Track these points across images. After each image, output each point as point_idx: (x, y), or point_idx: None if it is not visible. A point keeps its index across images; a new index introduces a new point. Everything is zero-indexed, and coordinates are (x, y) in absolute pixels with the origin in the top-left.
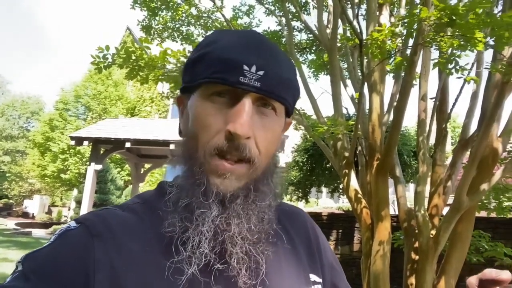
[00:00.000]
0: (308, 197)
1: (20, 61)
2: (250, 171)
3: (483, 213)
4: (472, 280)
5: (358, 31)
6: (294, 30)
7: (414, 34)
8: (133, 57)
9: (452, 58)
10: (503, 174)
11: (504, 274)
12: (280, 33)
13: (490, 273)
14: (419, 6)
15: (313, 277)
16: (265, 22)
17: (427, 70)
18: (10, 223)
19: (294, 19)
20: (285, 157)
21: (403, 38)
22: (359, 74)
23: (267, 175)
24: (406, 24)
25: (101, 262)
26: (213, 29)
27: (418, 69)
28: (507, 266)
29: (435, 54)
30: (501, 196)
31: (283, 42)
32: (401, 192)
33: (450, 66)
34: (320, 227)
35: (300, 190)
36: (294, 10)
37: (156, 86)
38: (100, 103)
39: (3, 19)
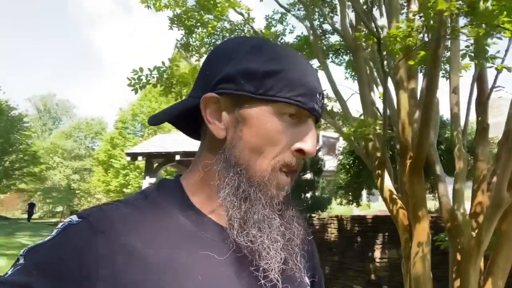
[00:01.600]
0: (360, 200)
1: (82, 85)
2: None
3: None
4: None
5: (375, 29)
6: (327, 33)
7: (436, 26)
8: (165, 76)
9: (480, 47)
10: None
11: None
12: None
13: None
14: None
15: (306, 279)
16: (298, 28)
17: (457, 62)
18: None
19: (325, 21)
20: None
21: (424, 32)
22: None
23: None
24: (423, 18)
25: (104, 258)
26: None
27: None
28: None
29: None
30: None
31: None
32: (443, 190)
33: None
34: (364, 231)
35: (350, 194)
36: (325, 13)
37: None
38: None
39: (66, 48)
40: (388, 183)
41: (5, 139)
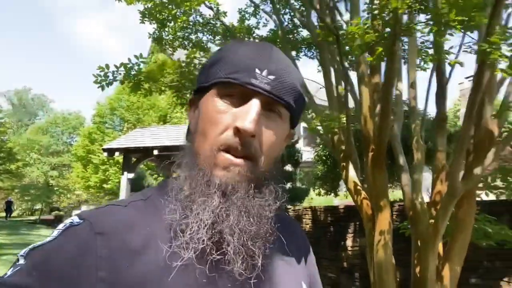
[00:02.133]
0: (338, 190)
1: (59, 79)
2: (252, 168)
3: (491, 196)
4: None
5: (333, 26)
6: (299, 27)
7: (391, 24)
8: (133, 72)
9: (435, 44)
10: (495, 157)
11: None
12: (286, 30)
13: None
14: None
15: (304, 286)
16: (273, 22)
17: (414, 58)
18: None
19: (295, 16)
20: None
21: (381, 29)
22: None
23: (268, 178)
24: (378, 16)
25: (103, 259)
26: (221, 33)
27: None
28: (508, 250)
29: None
30: (509, 178)
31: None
32: (405, 181)
33: (431, 53)
34: (337, 221)
35: (327, 184)
36: (294, 7)
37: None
38: (133, 113)
39: (42, 41)
40: (352, 175)
41: None
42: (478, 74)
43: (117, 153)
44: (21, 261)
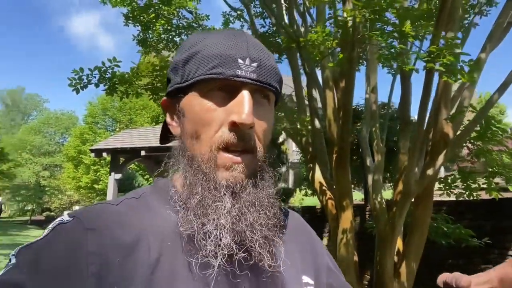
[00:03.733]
0: None
1: (54, 78)
2: (254, 160)
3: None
4: (441, 278)
5: (294, 34)
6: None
7: (350, 32)
8: (107, 75)
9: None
10: (445, 159)
11: (463, 282)
12: (267, 34)
13: (451, 279)
14: (341, 8)
15: (305, 279)
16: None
17: (374, 63)
18: None
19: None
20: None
21: (339, 37)
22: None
23: (267, 163)
24: (335, 25)
25: (94, 254)
26: None
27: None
28: (473, 247)
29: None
30: (470, 180)
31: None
32: (371, 181)
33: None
34: (313, 220)
35: None
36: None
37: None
38: (126, 114)
39: (36, 40)
40: (318, 175)
41: None
42: (426, 80)
43: (104, 154)
44: (13, 261)
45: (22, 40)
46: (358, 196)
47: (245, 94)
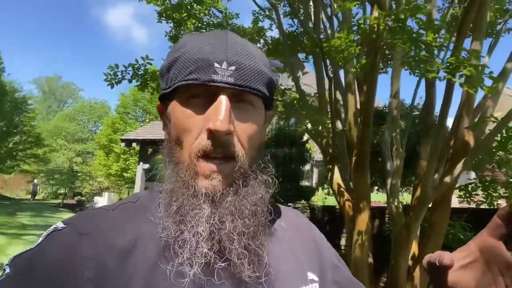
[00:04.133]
0: None
1: (89, 68)
2: (236, 167)
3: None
4: (426, 259)
5: (318, 39)
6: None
7: (374, 38)
8: (140, 72)
9: (414, 57)
10: (463, 167)
11: (446, 260)
12: (295, 33)
13: (434, 258)
14: (365, 16)
15: (310, 275)
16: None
17: (398, 70)
18: None
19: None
20: None
21: (363, 44)
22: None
23: (254, 168)
24: (359, 32)
25: (89, 259)
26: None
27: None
28: None
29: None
30: (491, 190)
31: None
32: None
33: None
34: (333, 220)
35: None
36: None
37: None
38: (156, 105)
39: (75, 30)
40: (337, 176)
41: (8, 120)
42: (446, 88)
43: (134, 144)
44: (7, 270)
45: (61, 31)
46: (382, 198)
47: (222, 99)
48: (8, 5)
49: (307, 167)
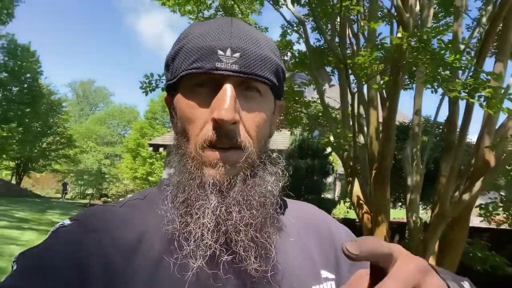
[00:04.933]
0: None
1: (121, 74)
2: (244, 157)
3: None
4: None
5: (342, 56)
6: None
7: (396, 57)
8: None
9: (436, 76)
10: (482, 186)
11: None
12: (322, 48)
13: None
14: (388, 36)
15: (324, 274)
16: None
17: (420, 87)
18: None
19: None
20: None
21: (385, 62)
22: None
23: (263, 159)
24: (383, 51)
25: (96, 255)
26: None
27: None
28: (509, 276)
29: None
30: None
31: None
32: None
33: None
34: (354, 234)
35: None
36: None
37: None
38: None
39: (109, 37)
40: (356, 189)
41: (44, 121)
42: (466, 108)
43: (161, 149)
44: (15, 267)
45: (95, 36)
46: (403, 214)
47: (226, 88)
48: (45, 12)
49: (330, 179)
